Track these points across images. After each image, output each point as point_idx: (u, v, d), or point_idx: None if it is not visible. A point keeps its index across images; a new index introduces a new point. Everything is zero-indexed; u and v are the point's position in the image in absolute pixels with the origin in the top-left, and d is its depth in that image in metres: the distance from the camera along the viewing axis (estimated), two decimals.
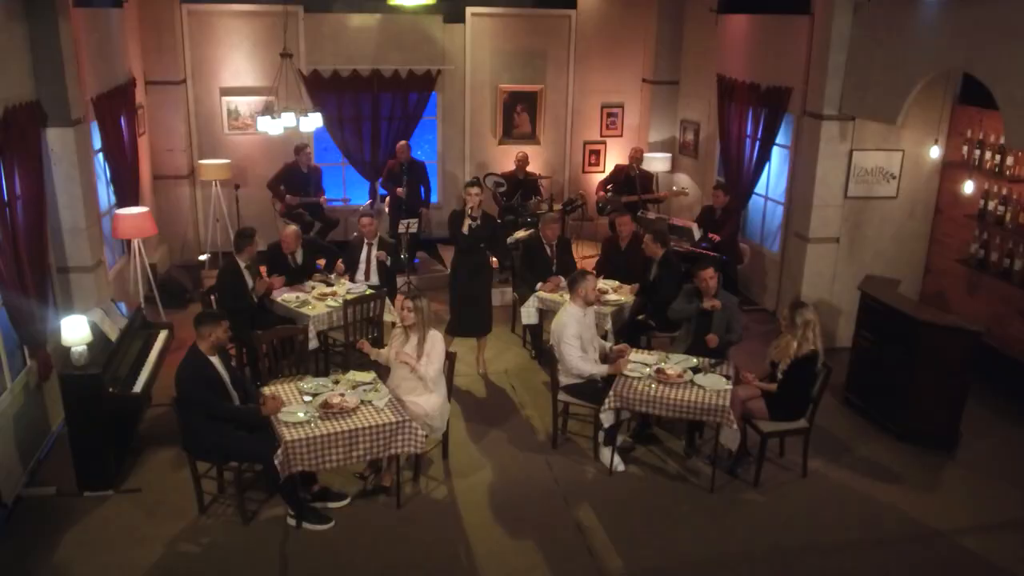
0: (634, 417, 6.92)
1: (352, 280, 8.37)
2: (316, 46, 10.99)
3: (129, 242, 9.01)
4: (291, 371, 6.93)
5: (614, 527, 5.94)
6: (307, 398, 6.03)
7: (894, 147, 8.35)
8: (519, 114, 11.90)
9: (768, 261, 9.77)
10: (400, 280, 10.10)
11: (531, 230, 9.30)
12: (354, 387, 6.19)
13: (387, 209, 10.81)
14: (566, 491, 6.35)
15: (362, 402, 5.97)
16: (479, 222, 7.79)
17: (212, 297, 7.68)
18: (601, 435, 6.62)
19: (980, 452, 7.02)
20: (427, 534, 5.84)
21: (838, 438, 7.21)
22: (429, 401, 6.21)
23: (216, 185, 10.51)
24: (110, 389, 6.00)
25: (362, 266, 8.32)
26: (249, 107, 10.99)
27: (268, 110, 8.19)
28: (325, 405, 5.88)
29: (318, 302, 7.81)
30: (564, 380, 6.68)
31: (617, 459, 6.61)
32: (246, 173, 11.07)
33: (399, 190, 10.34)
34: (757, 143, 9.60)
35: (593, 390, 6.51)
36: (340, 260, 8.42)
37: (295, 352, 7.57)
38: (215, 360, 5.73)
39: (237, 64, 10.86)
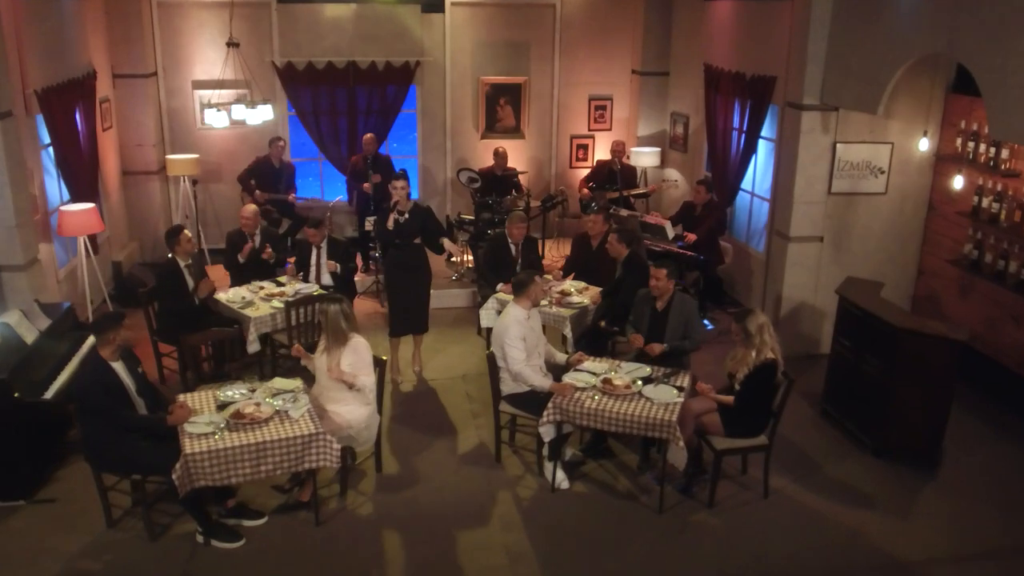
0: (588, 429, 6.44)
1: (305, 280, 8.00)
2: (289, 37, 10.64)
3: (94, 239, 8.73)
4: (236, 376, 6.59)
5: (547, 552, 5.47)
6: (223, 406, 5.65)
7: (881, 139, 7.75)
8: (502, 107, 11.44)
9: (754, 261, 9.21)
10: (369, 280, 9.74)
11: (462, 248, 8.88)
12: (274, 395, 5.79)
13: (354, 206, 10.43)
14: (502, 510, 5.90)
15: (277, 412, 5.57)
16: (407, 216, 7.35)
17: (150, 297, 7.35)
18: (546, 449, 6.17)
19: (964, 471, 6.43)
20: (344, 554, 5.43)
21: (809, 454, 6.66)
22: (353, 412, 5.81)
23: (185, 181, 10.20)
24: (15, 395, 5.67)
25: (312, 269, 7.93)
26: (221, 99, 10.67)
27: (212, 102, 7.82)
28: (236, 415, 5.49)
29: (263, 303, 7.45)
30: (506, 389, 6.23)
31: (561, 475, 6.14)
32: (222, 169, 10.77)
33: (366, 185, 9.92)
34: (743, 136, 9.06)
35: (537, 401, 6.02)
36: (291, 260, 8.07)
37: (239, 356, 7.26)
38: (117, 366, 5.36)
39: (209, 57, 10.54)
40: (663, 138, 11.35)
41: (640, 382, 6.00)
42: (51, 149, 8.13)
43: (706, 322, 8.95)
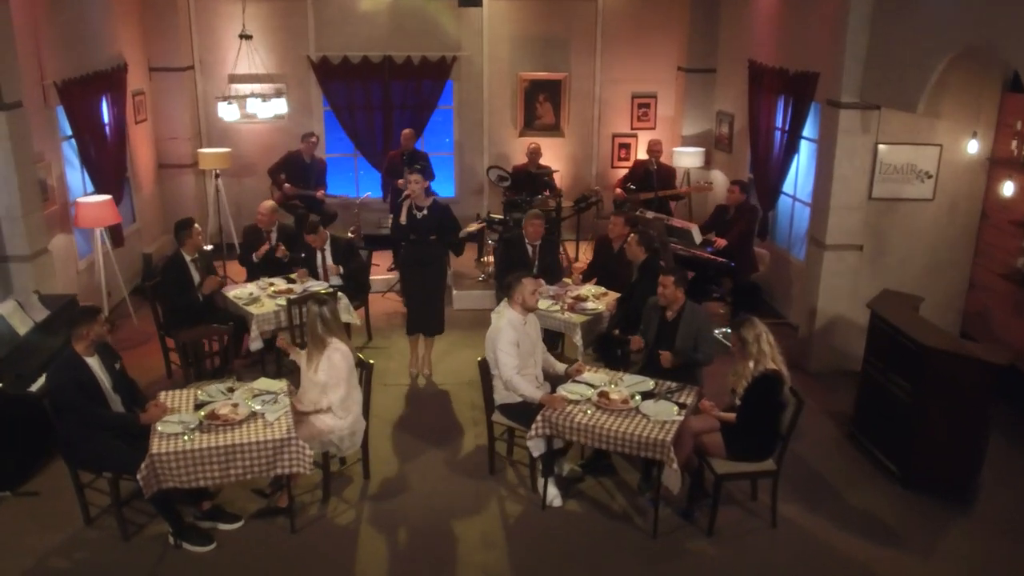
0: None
1: (316, 279, 7.87)
2: (325, 31, 10.54)
3: (117, 230, 8.78)
4: (235, 374, 6.46)
5: (524, 573, 5.14)
6: (201, 406, 5.49)
7: (928, 141, 7.14)
8: (541, 104, 11.11)
9: (794, 270, 8.66)
10: (395, 278, 9.53)
11: (481, 223, 8.55)
12: (255, 396, 5.61)
13: (389, 203, 10.24)
14: (487, 526, 5.58)
15: (253, 414, 5.39)
16: (425, 212, 7.10)
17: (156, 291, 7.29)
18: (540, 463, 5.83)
19: (1001, 506, 5.82)
20: (313, 565, 5.21)
21: (828, 480, 6.14)
22: (336, 418, 5.57)
23: (216, 174, 10.19)
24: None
25: (319, 271, 7.78)
26: (235, 94, 10.65)
27: (226, 95, 7.74)
28: (211, 416, 5.32)
29: (269, 300, 7.31)
30: (499, 398, 5.91)
31: (553, 492, 5.79)
32: (256, 163, 10.73)
33: (400, 181, 9.71)
34: (785, 136, 8.53)
35: (529, 413, 5.67)
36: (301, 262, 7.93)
37: (241, 354, 7.17)
38: (92, 361, 5.25)
39: (245, 51, 10.50)
40: (709, 138, 10.84)
41: (639, 397, 5.61)
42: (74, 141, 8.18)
43: None
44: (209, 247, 10.05)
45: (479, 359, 5.97)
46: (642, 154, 11.06)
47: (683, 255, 8.10)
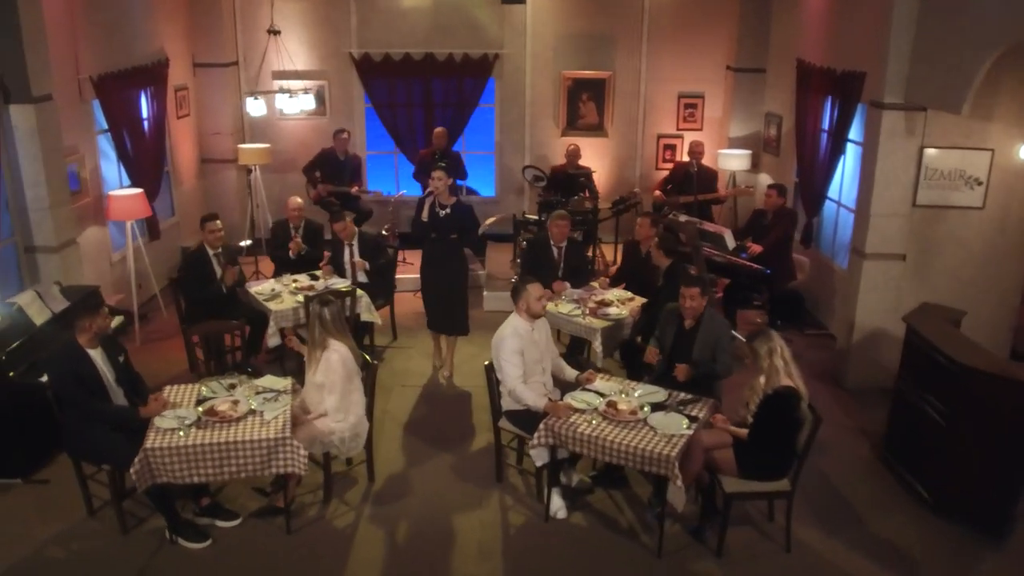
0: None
1: (341, 277, 7.83)
2: (367, 28, 10.51)
3: (154, 223, 8.90)
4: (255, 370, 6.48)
5: None
6: (202, 401, 5.46)
7: (979, 145, 6.69)
8: (584, 103, 10.87)
9: (838, 279, 8.25)
10: None
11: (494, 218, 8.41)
12: (257, 393, 5.56)
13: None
14: (485, 536, 5.41)
15: (251, 412, 5.33)
16: (448, 211, 7.02)
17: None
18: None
19: None
20: (306, 566, 5.12)
21: (854, 504, 5.78)
22: (338, 420, 5.48)
23: (256, 170, 10.25)
24: (10, 374, 5.71)
25: (347, 268, 7.73)
26: (261, 89, 10.72)
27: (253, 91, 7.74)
28: (209, 412, 5.29)
29: (289, 296, 7.28)
30: (505, 405, 5.73)
31: (559, 504, 5.58)
32: (297, 158, 10.75)
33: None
34: (831, 138, 8.14)
35: (535, 420, 5.47)
36: (326, 258, 7.88)
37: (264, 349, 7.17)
38: (95, 353, 5.25)
39: (290, 47, 10.57)
40: (757, 140, 10.45)
41: (648, 408, 5.36)
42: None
43: None
44: (248, 242, 10.20)
45: (485, 363, 5.79)
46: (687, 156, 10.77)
47: (718, 261, 7.79)
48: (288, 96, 8.11)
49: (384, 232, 9.63)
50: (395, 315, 8.32)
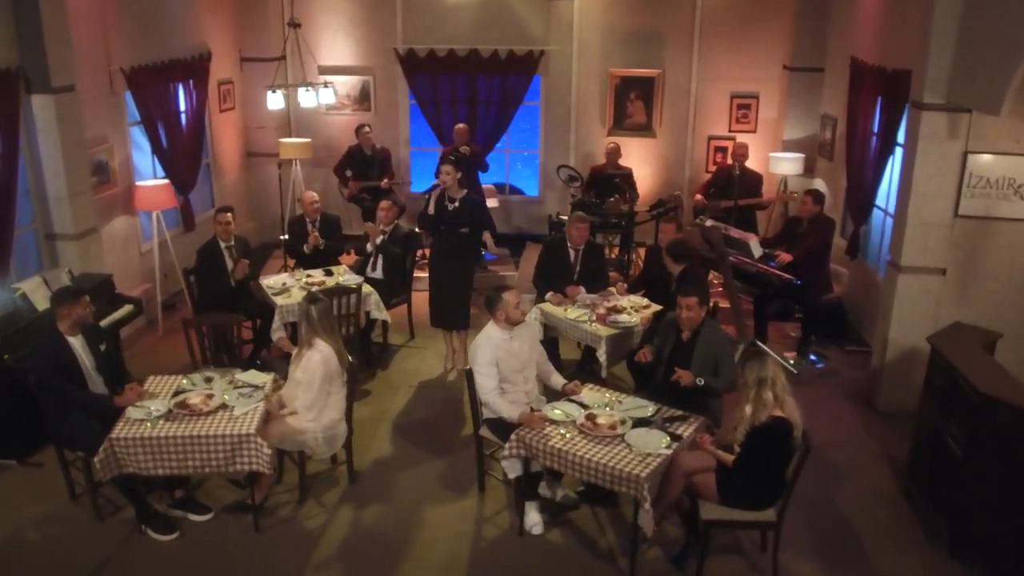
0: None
1: (360, 271, 7.75)
2: (412, 23, 10.43)
3: (188, 214, 9.04)
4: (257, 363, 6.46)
5: None
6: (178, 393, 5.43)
7: None
8: (632, 102, 10.50)
9: (882, 292, 7.65)
10: None
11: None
12: (236, 388, 5.49)
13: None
14: (453, 548, 5.18)
15: (223, 406, 5.26)
16: (457, 204, 6.93)
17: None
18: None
19: None
20: (268, 565, 5.02)
21: (860, 538, 5.30)
22: (311, 419, 5.35)
23: (296, 164, 10.29)
24: (4, 357, 5.81)
25: (371, 259, 7.69)
26: (346, 86, 10.73)
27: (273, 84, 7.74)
28: (180, 404, 5.24)
29: (299, 292, 7.22)
30: (485, 413, 5.49)
31: (535, 519, 5.30)
32: (339, 153, 10.75)
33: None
34: (880, 140, 7.57)
35: (511, 431, 5.22)
36: (350, 252, 7.84)
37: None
38: (75, 341, 5.28)
39: (337, 43, 10.60)
40: (812, 143, 9.87)
41: (630, 423, 5.03)
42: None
43: (813, 357, 7.60)
44: (284, 236, 10.24)
45: (465, 369, 5.57)
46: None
47: (747, 269, 7.35)
48: (306, 90, 8.08)
49: (417, 229, 9.51)
50: (412, 314, 8.16)
